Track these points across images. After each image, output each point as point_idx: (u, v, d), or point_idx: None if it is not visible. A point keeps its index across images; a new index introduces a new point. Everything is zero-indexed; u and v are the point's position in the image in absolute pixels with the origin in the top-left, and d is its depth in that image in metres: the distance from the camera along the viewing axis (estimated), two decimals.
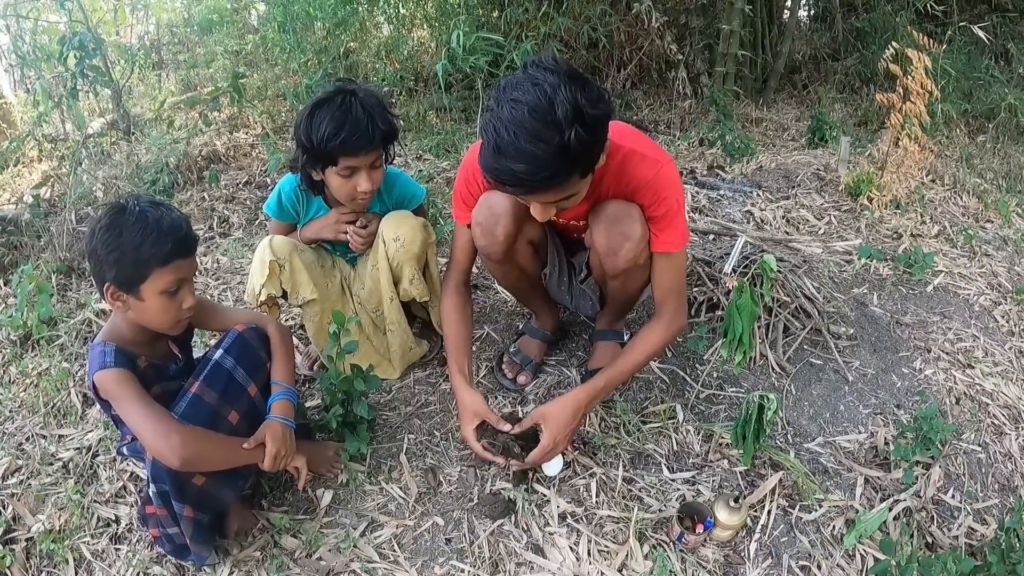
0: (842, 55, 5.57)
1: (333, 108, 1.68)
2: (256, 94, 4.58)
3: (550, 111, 1.23)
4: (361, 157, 1.71)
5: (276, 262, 1.84)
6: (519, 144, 1.24)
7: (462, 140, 3.84)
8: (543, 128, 1.23)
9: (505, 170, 1.28)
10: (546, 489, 1.74)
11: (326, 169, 1.76)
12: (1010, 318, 2.52)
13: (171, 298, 1.41)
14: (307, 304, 1.95)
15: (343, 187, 1.78)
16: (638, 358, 1.71)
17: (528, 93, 1.25)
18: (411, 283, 1.96)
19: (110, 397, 1.40)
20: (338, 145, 1.67)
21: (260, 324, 1.63)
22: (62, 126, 4.44)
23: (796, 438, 1.93)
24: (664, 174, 1.57)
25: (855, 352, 2.22)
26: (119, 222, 1.34)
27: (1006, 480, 1.90)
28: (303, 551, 1.63)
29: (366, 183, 1.76)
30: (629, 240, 1.60)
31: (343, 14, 4.16)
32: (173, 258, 1.37)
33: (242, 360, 1.53)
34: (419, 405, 2.04)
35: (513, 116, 1.24)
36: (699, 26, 4.86)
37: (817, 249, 2.66)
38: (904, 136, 3.05)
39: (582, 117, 1.24)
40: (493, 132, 1.27)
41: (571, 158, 1.27)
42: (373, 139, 1.70)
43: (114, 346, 1.42)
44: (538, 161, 1.25)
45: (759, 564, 1.60)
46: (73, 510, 1.76)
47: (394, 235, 1.89)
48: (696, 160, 3.85)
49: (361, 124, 1.67)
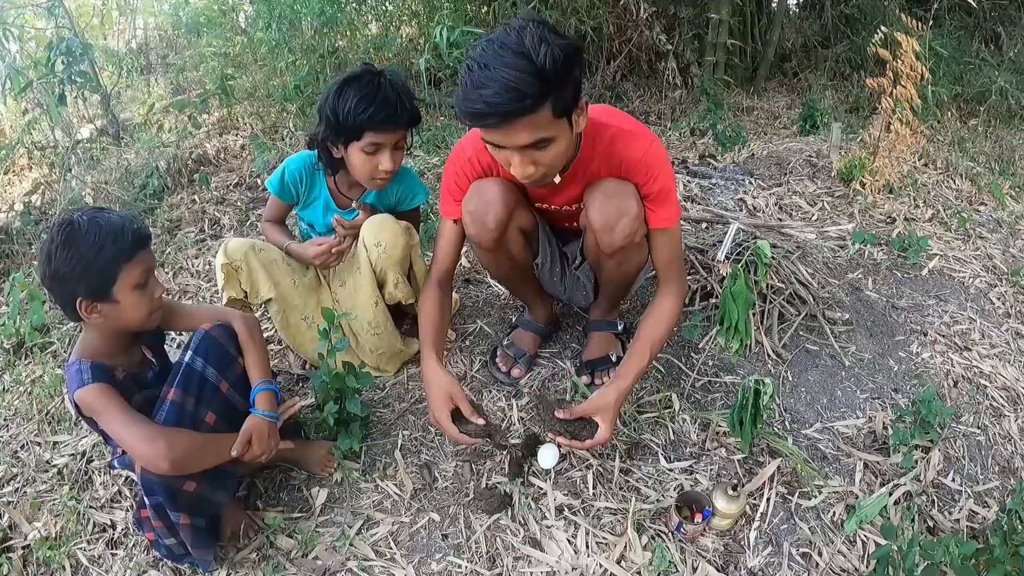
0: (832, 42, 5.55)
1: (363, 84, 1.71)
2: (245, 96, 4.56)
3: (518, 42, 1.29)
4: (388, 134, 1.74)
5: (230, 265, 1.85)
6: (490, 72, 1.28)
7: (451, 136, 3.82)
8: (512, 56, 1.28)
9: (476, 98, 1.30)
10: (542, 482, 1.73)
11: (349, 145, 1.77)
12: (1006, 300, 2.51)
13: (143, 291, 1.42)
14: (267, 303, 1.95)
15: (365, 164, 1.78)
16: (661, 332, 1.71)
17: (499, 34, 1.32)
18: (395, 287, 1.95)
19: (93, 413, 1.40)
20: (367, 119, 1.70)
21: (226, 319, 1.61)
22: (51, 133, 4.41)
23: (794, 424, 1.92)
24: (653, 151, 1.60)
25: (851, 337, 2.21)
26: (74, 235, 1.33)
27: (1006, 462, 1.89)
28: (299, 551, 1.62)
29: (388, 162, 1.77)
30: (626, 215, 1.61)
31: (331, 12, 4.14)
32: (136, 250, 1.39)
33: (211, 359, 1.52)
34: (413, 401, 2.02)
35: (484, 53, 1.30)
36: (688, 16, 4.84)
37: (811, 235, 2.64)
38: (896, 120, 3.04)
39: (548, 44, 1.29)
40: (467, 70, 1.32)
41: (540, 84, 1.29)
42: (401, 117, 1.73)
43: (90, 362, 1.41)
44: (506, 86, 1.28)
45: (759, 552, 1.59)
46: (69, 516, 1.75)
47: (375, 240, 1.88)
48: (688, 150, 3.83)
49: (391, 101, 1.71)
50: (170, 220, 3.20)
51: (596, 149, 1.60)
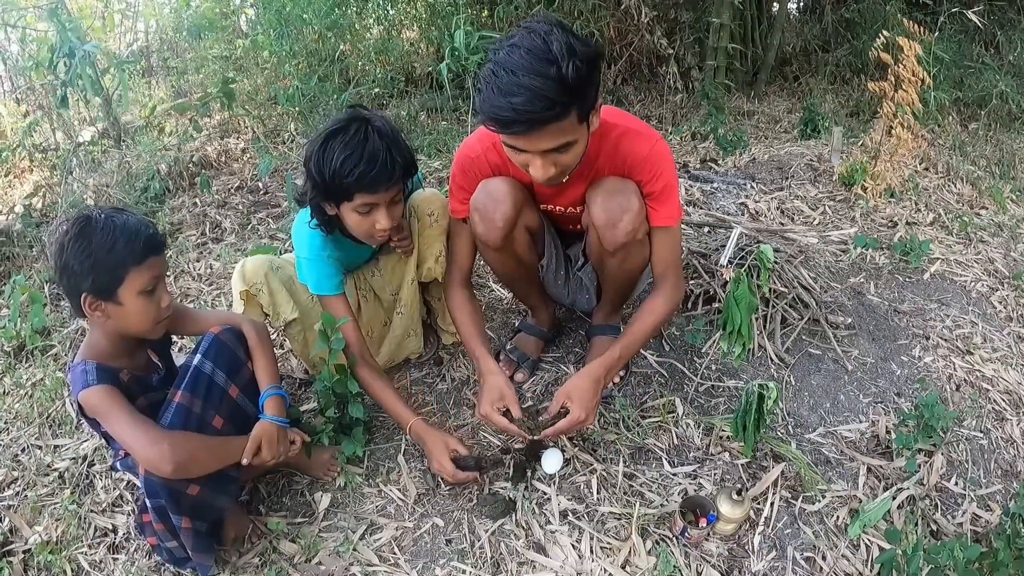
0: (832, 46, 5.56)
1: (348, 138, 1.54)
2: (247, 99, 4.55)
3: (546, 49, 1.29)
4: (380, 193, 1.58)
5: (248, 291, 1.78)
6: (518, 79, 1.28)
7: (454, 139, 3.82)
8: (540, 63, 1.28)
9: (505, 106, 1.30)
10: (546, 487, 1.73)
11: (341, 204, 1.63)
12: (1008, 304, 2.51)
13: (149, 298, 1.41)
14: (288, 324, 1.88)
15: (360, 225, 1.65)
16: (646, 328, 1.73)
17: (524, 39, 1.31)
18: (437, 261, 1.94)
19: (96, 414, 1.39)
20: (354, 181, 1.54)
21: (235, 324, 1.61)
22: (52, 135, 4.41)
23: (797, 429, 1.92)
24: (658, 150, 1.62)
25: (854, 341, 2.21)
26: (87, 231, 1.34)
27: (1009, 465, 1.89)
28: (302, 556, 1.61)
29: (385, 220, 1.63)
30: (628, 212, 1.62)
31: (334, 17, 4.14)
32: (147, 256, 1.38)
33: (220, 363, 1.52)
34: (417, 406, 2.02)
35: (510, 58, 1.30)
36: (689, 20, 4.84)
37: (813, 239, 2.64)
38: (897, 124, 3.05)
39: (575, 52, 1.29)
40: (492, 76, 1.32)
41: (569, 90, 1.30)
42: (393, 173, 1.57)
43: (95, 363, 1.41)
44: (537, 93, 1.28)
45: (763, 557, 1.59)
46: (70, 520, 1.75)
47: (429, 210, 1.87)
48: (689, 154, 3.84)
49: (379, 157, 1.54)
50: (171, 223, 3.20)
51: (602, 147, 1.61)
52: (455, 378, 2.12)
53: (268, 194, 3.47)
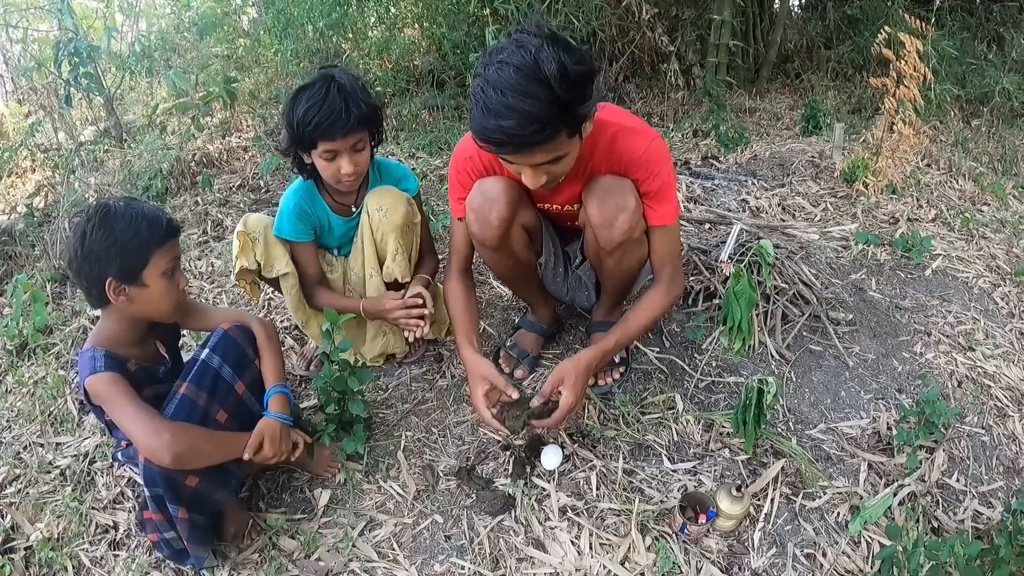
0: (834, 43, 5.54)
1: (312, 92, 1.71)
2: (248, 98, 4.56)
3: (536, 68, 1.26)
4: (339, 141, 1.73)
5: (246, 234, 1.85)
6: (507, 101, 1.26)
7: (455, 138, 3.82)
8: (530, 85, 1.25)
9: (495, 128, 1.29)
10: (546, 483, 1.73)
11: (310, 152, 1.79)
12: (1010, 300, 2.50)
13: (170, 279, 1.45)
14: (282, 277, 1.93)
15: (327, 169, 1.80)
16: (642, 320, 1.72)
17: (513, 55, 1.28)
18: (394, 260, 1.96)
19: (102, 401, 1.40)
20: (314, 129, 1.71)
21: (245, 322, 1.64)
22: (55, 135, 4.42)
23: (797, 425, 1.91)
24: (655, 148, 1.60)
25: (855, 337, 2.21)
26: (109, 218, 1.38)
27: (1011, 462, 1.88)
28: (301, 552, 1.62)
29: (348, 165, 1.78)
30: (624, 211, 1.61)
31: (335, 16, 4.14)
32: (168, 238, 1.44)
33: (228, 358, 1.54)
34: (416, 402, 2.02)
35: (500, 77, 1.27)
36: (690, 17, 4.84)
37: (813, 235, 2.64)
38: (899, 121, 3.04)
39: (566, 72, 1.27)
40: (481, 93, 1.30)
41: (559, 112, 1.29)
42: (348, 122, 1.72)
43: (104, 351, 1.43)
44: (527, 116, 1.27)
45: (764, 553, 1.58)
46: (71, 517, 1.75)
47: (377, 205, 1.91)
48: (690, 151, 3.83)
49: (336, 107, 1.70)
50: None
51: (597, 146, 1.60)
52: (455, 375, 2.13)
53: (269, 192, 3.48)
